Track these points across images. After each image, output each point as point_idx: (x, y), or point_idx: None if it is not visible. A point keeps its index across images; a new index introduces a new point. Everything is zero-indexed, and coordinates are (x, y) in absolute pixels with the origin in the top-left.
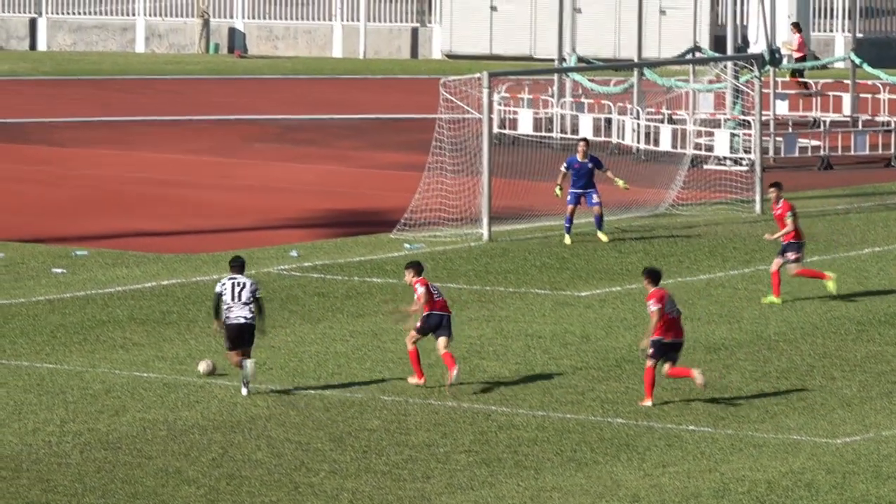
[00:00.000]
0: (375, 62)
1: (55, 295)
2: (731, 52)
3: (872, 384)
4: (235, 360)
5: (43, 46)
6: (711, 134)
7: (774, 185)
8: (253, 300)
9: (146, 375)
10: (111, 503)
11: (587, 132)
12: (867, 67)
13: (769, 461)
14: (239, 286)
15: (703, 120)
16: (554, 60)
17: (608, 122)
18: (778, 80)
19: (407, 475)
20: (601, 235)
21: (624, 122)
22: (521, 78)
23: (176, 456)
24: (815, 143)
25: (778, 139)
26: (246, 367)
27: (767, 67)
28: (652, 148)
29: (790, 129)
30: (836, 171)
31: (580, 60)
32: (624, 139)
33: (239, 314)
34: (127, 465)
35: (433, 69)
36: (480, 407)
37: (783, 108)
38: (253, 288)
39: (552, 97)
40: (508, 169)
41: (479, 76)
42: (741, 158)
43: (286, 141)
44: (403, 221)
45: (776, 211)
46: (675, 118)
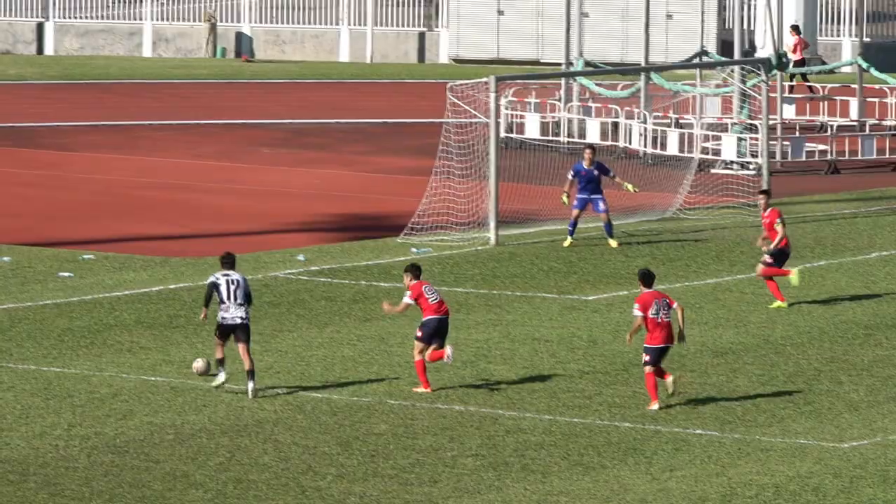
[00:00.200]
0: (383, 66)
1: (62, 299)
2: (738, 56)
3: (880, 388)
4: (220, 350)
5: (50, 51)
6: (718, 138)
7: (763, 192)
8: (245, 298)
9: (153, 379)
10: None
11: (594, 136)
12: (874, 72)
13: (776, 465)
14: (234, 284)
15: (710, 124)
16: (561, 64)
17: (615, 126)
18: (785, 84)
19: (414, 479)
20: (611, 242)
21: (631, 126)
22: (528, 82)
23: (183, 460)
24: (822, 147)
25: (785, 143)
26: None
27: (774, 71)
28: (659, 152)
29: (797, 133)
30: (843, 175)
31: (587, 64)
32: (631, 143)
33: (235, 314)
34: (134, 468)
35: (440, 73)
36: (488, 411)
37: (790, 112)
38: (246, 285)
39: (559, 101)
40: (515, 173)
41: (486, 80)
42: (748, 162)
43: (293, 145)
44: (410, 225)
45: (764, 219)
46: (682, 122)
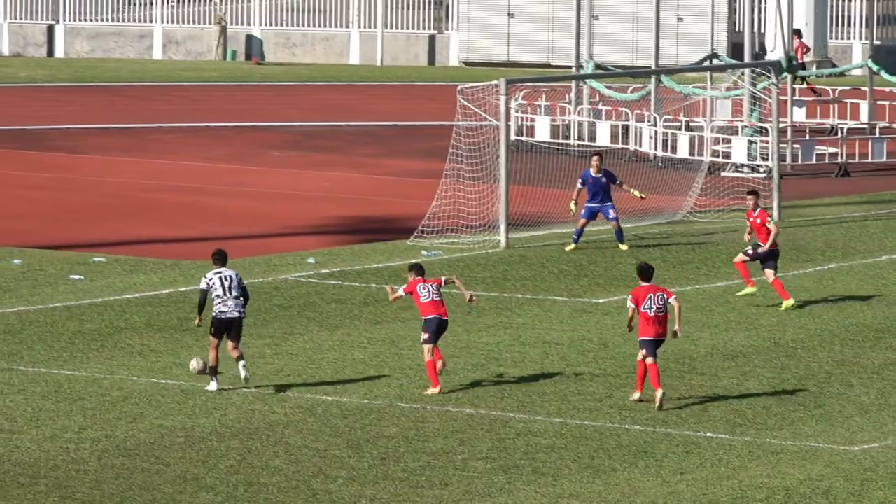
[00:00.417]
0: (393, 69)
1: (73, 301)
2: (748, 59)
3: (890, 391)
4: (214, 355)
5: (61, 53)
6: (729, 141)
7: (752, 192)
8: (241, 292)
9: (164, 382)
10: None
11: (604, 139)
12: (885, 75)
13: (787, 468)
14: (227, 280)
15: (720, 127)
16: (571, 67)
17: (625, 129)
18: (795, 87)
19: (425, 482)
20: (622, 246)
21: (641, 129)
22: (538, 85)
23: (194, 463)
24: (832, 150)
25: (795, 146)
26: (240, 371)
27: (785, 74)
28: (669, 155)
29: (807, 136)
30: (853, 178)
31: (597, 67)
32: (641, 146)
33: (233, 308)
34: (145, 471)
35: (450, 76)
36: (498, 414)
37: (800, 115)
38: (239, 279)
39: (569, 104)
40: (526, 176)
41: (496, 83)
42: (759, 165)
43: (304, 148)
44: (421, 228)
45: (754, 219)
46: (692, 125)
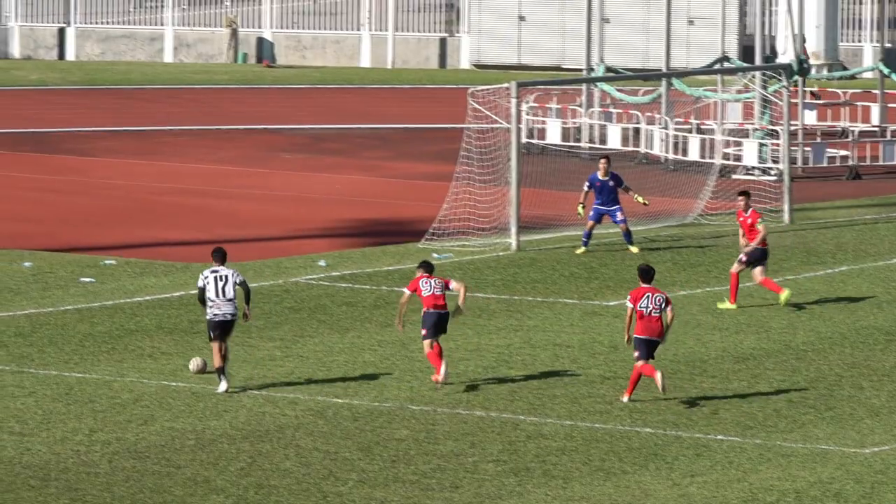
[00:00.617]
0: (403, 72)
1: (83, 304)
2: (759, 62)
3: None
4: (218, 357)
5: (71, 56)
6: (740, 144)
7: (743, 193)
8: (237, 289)
9: (174, 384)
10: None
11: (615, 142)
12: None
13: (798, 471)
14: (221, 280)
15: (731, 130)
16: (582, 70)
17: (636, 132)
18: (806, 90)
19: (435, 485)
20: (632, 248)
21: (652, 132)
22: (549, 88)
23: (204, 465)
24: (843, 153)
25: (806, 149)
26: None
27: (796, 77)
28: (680, 158)
29: (818, 139)
30: (864, 180)
31: (608, 70)
32: (652, 149)
33: (226, 311)
34: (155, 474)
35: (461, 79)
36: (509, 416)
37: (811, 118)
38: (235, 279)
39: (580, 107)
40: (537, 179)
41: (507, 86)
42: (769, 168)
43: (314, 151)
44: (432, 231)
45: (745, 219)
46: (703, 128)
